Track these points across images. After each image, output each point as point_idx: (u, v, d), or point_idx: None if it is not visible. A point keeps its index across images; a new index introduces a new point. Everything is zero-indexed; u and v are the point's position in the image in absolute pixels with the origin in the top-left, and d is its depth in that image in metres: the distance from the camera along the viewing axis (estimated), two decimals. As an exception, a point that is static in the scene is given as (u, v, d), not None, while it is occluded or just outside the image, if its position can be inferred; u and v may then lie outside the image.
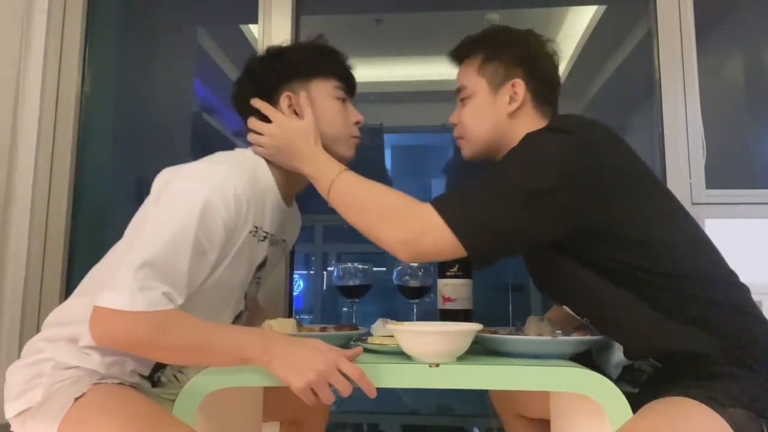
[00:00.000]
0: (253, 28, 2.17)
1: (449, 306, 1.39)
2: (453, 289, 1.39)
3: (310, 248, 2.88)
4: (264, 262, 1.24)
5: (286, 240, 1.34)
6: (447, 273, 1.40)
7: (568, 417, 1.15)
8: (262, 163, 1.21)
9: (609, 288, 1.05)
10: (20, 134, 1.88)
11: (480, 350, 1.13)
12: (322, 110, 1.23)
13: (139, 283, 0.95)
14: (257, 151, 1.22)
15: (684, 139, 1.80)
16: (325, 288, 2.68)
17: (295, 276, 2.00)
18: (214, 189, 1.06)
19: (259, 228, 1.17)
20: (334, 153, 1.22)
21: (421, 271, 1.51)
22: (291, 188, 1.25)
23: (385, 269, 1.88)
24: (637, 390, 1.09)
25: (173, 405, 1.00)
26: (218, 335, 1.00)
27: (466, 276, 1.40)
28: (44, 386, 1.04)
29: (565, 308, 1.20)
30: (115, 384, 1.07)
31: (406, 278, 1.51)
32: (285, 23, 1.96)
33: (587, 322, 1.16)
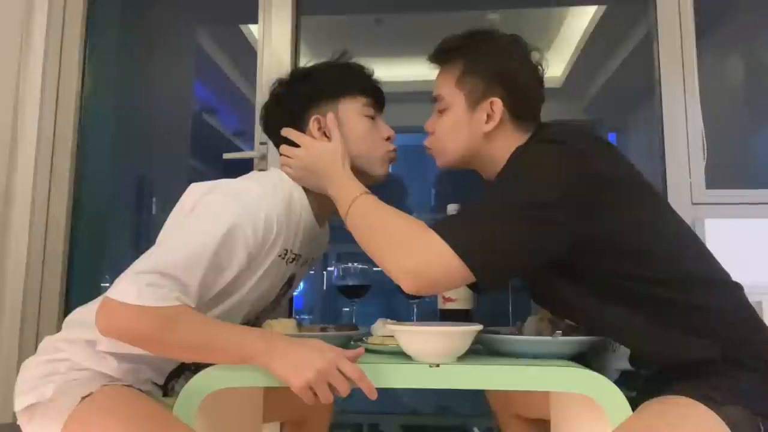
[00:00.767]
0: (253, 28, 2.17)
1: (449, 306, 1.39)
2: (453, 289, 1.39)
3: (310, 248, 2.87)
4: (291, 281, 1.25)
5: (314, 258, 1.34)
6: (447, 273, 1.40)
7: (569, 417, 1.15)
8: (297, 185, 1.20)
9: (610, 307, 1.03)
10: (20, 134, 1.88)
11: (480, 350, 1.13)
12: (351, 130, 1.20)
13: (147, 279, 0.96)
14: (287, 174, 1.20)
15: (684, 139, 1.79)
16: (325, 288, 2.68)
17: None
18: (246, 209, 1.06)
19: (289, 251, 1.16)
20: (367, 172, 1.20)
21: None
22: (324, 210, 1.23)
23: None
24: (635, 393, 1.08)
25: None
26: (220, 334, 1.00)
27: (466, 276, 1.40)
28: (56, 383, 1.05)
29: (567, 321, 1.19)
30: (123, 386, 1.07)
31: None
32: (285, 23, 1.96)
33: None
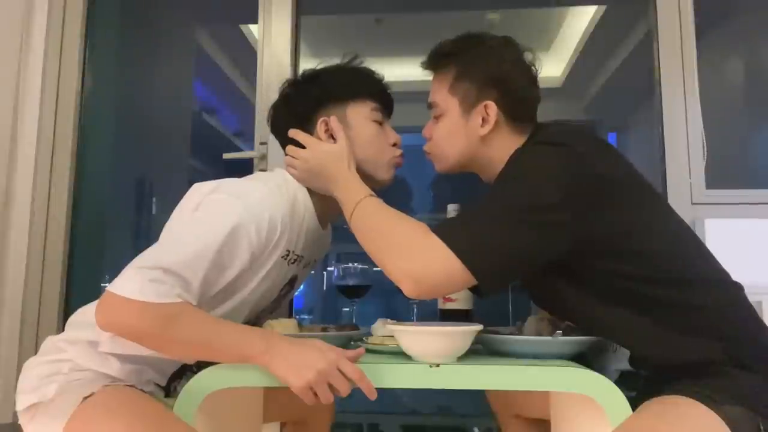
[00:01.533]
0: (253, 28, 2.17)
1: (449, 306, 1.39)
2: (453, 290, 1.39)
3: (310, 248, 2.88)
4: (293, 279, 1.25)
5: (316, 260, 1.34)
6: (447, 273, 1.40)
7: (569, 417, 1.15)
8: (301, 187, 1.20)
9: (611, 308, 1.03)
10: (20, 134, 1.88)
11: (480, 350, 1.13)
12: (359, 134, 1.20)
13: (150, 275, 0.95)
14: (292, 174, 1.20)
15: (684, 139, 1.79)
16: (325, 288, 2.68)
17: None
18: (251, 209, 1.06)
19: (291, 252, 1.16)
20: (373, 177, 1.21)
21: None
22: (327, 212, 1.23)
23: (385, 269, 1.87)
24: (635, 393, 1.08)
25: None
26: (220, 332, 0.99)
27: (466, 276, 1.40)
28: (58, 384, 1.05)
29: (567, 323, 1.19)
30: (125, 386, 1.07)
31: (406, 278, 1.50)
32: (285, 23, 1.96)
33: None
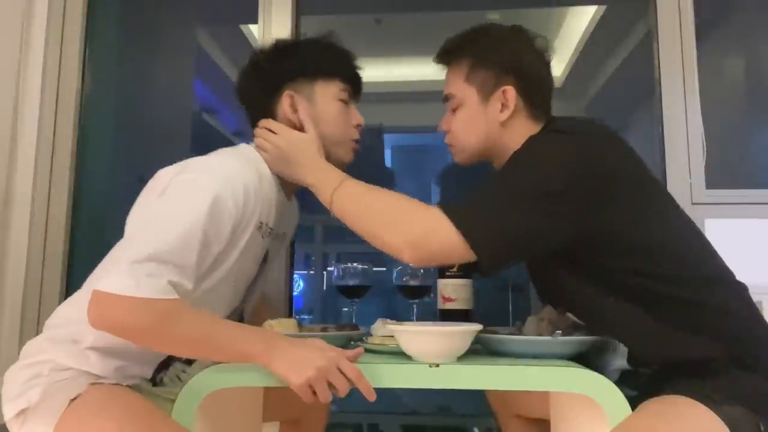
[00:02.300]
0: (253, 28, 2.17)
1: (449, 306, 1.39)
2: (453, 289, 1.39)
3: (310, 248, 2.88)
4: (266, 256, 1.24)
5: (285, 233, 1.34)
6: (447, 273, 1.40)
7: (569, 417, 1.15)
8: (262, 160, 1.20)
9: (613, 302, 1.04)
10: (20, 134, 1.88)
11: (480, 350, 1.13)
12: (323, 111, 1.22)
13: (145, 270, 0.94)
14: (264, 158, 1.20)
15: (684, 139, 1.79)
16: (325, 288, 2.68)
17: (295, 276, 2.00)
18: (224, 182, 1.05)
19: (264, 224, 1.16)
20: (332, 156, 1.21)
21: (422, 271, 1.51)
22: (289, 184, 1.24)
23: (385, 269, 1.88)
24: (635, 392, 1.08)
25: (173, 405, 1.00)
26: (220, 331, 0.99)
27: (466, 276, 1.40)
28: (42, 386, 1.03)
29: (569, 315, 1.19)
30: (111, 384, 1.07)
31: (406, 278, 1.51)
32: (285, 23, 1.96)
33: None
